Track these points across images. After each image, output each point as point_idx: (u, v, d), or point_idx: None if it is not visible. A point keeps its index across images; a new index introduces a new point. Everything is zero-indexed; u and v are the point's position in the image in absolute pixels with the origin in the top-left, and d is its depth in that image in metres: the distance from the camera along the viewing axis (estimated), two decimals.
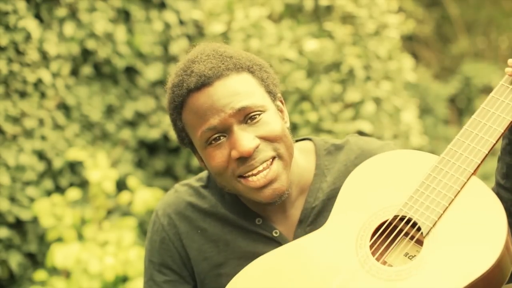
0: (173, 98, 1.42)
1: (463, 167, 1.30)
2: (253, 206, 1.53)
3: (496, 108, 1.32)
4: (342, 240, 1.34)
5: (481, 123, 1.32)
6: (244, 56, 1.44)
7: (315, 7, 3.76)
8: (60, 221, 3.05)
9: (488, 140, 1.30)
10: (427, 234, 1.27)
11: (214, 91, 1.37)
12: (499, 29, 8.62)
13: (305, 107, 3.42)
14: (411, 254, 1.32)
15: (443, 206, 1.28)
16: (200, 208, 1.56)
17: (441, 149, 5.56)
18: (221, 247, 1.53)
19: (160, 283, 1.57)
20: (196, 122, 1.39)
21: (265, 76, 1.45)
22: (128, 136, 3.68)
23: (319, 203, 1.51)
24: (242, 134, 1.37)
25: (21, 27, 3.05)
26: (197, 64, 1.39)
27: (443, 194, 1.29)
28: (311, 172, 1.54)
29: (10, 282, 3.22)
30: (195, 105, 1.38)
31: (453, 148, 1.32)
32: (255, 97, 1.39)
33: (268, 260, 1.39)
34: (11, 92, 3.11)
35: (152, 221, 1.61)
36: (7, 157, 3.09)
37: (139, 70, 3.74)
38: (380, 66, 3.71)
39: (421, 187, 1.31)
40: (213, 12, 3.79)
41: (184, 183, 1.62)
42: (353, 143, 1.57)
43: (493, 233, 1.21)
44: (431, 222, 1.27)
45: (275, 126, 1.40)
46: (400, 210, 1.31)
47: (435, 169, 1.32)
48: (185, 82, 1.39)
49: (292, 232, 1.52)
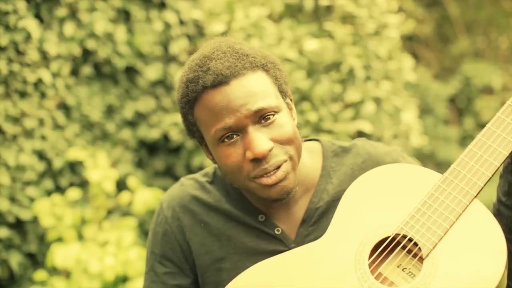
0: (187, 93, 1.42)
1: (466, 189, 1.29)
2: (257, 203, 1.54)
3: (503, 130, 1.31)
4: (340, 255, 1.32)
5: (486, 144, 1.31)
6: (259, 54, 1.45)
7: (315, 7, 3.76)
8: (60, 221, 3.05)
9: (493, 163, 1.29)
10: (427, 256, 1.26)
11: (230, 91, 1.37)
12: (499, 29, 8.62)
13: (305, 107, 3.42)
14: (406, 267, 1.31)
15: (444, 228, 1.27)
16: (204, 202, 1.57)
17: (441, 149, 5.54)
18: (223, 241, 1.54)
19: (160, 274, 1.59)
20: (210, 120, 1.40)
21: (278, 74, 1.46)
22: (128, 136, 3.68)
23: (323, 204, 1.52)
24: (257, 135, 1.38)
25: (21, 27, 3.05)
26: (214, 61, 1.39)
27: (445, 216, 1.28)
28: (316, 173, 1.55)
29: (10, 282, 3.22)
30: (210, 103, 1.39)
31: (457, 168, 1.31)
32: (270, 97, 1.40)
33: (264, 270, 1.38)
34: (11, 92, 3.11)
35: (156, 213, 1.63)
36: (7, 157, 3.09)
37: (139, 70, 3.74)
38: (380, 66, 3.71)
39: (423, 207, 1.30)
40: (213, 12, 3.79)
41: (190, 177, 1.64)
42: (361, 147, 1.58)
43: (494, 259, 1.21)
44: (431, 244, 1.26)
45: (288, 128, 1.41)
46: (401, 229, 1.30)
47: (438, 189, 1.31)
48: (200, 78, 1.39)
49: (294, 231, 1.52)
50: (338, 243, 1.35)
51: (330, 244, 1.36)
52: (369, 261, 1.29)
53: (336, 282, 1.29)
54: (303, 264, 1.36)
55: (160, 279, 1.59)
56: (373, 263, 1.31)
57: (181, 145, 3.81)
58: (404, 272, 1.31)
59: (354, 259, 1.30)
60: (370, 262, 1.30)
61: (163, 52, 3.85)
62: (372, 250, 1.31)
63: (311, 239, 1.49)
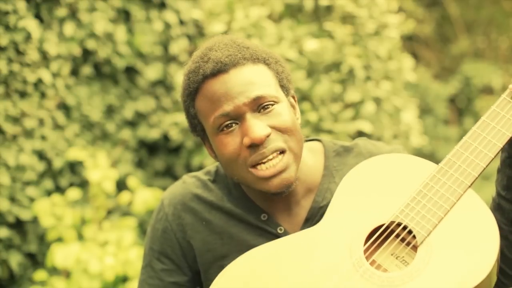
0: (188, 84, 1.44)
1: (461, 179, 1.32)
2: (259, 202, 1.54)
3: (497, 122, 1.34)
4: (336, 241, 1.34)
5: (481, 136, 1.34)
6: (261, 49, 1.46)
7: (315, 7, 3.76)
8: (60, 221, 3.05)
9: (487, 155, 1.32)
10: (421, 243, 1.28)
11: (229, 78, 1.39)
12: (499, 29, 8.62)
13: (305, 107, 3.42)
14: (400, 255, 1.33)
15: (439, 216, 1.29)
16: (206, 200, 1.58)
17: (441, 149, 5.54)
18: (225, 239, 1.54)
19: (157, 271, 1.59)
20: (210, 108, 1.40)
21: (280, 70, 1.47)
22: (128, 136, 3.68)
23: (327, 203, 1.51)
24: (254, 121, 1.38)
25: (21, 27, 3.05)
26: (214, 51, 1.41)
27: (439, 204, 1.30)
28: (319, 172, 1.56)
29: (10, 282, 3.22)
30: (210, 91, 1.40)
31: (452, 158, 1.34)
32: (270, 88, 1.41)
33: (258, 257, 1.39)
34: (11, 92, 3.11)
35: (157, 209, 1.63)
36: (7, 157, 3.09)
37: (139, 70, 3.74)
38: (380, 66, 3.71)
39: (418, 195, 1.33)
40: (213, 12, 3.79)
41: (193, 175, 1.64)
42: (362, 146, 1.58)
43: (486, 247, 1.23)
44: (426, 232, 1.28)
45: (287, 118, 1.41)
46: (397, 216, 1.32)
47: (433, 178, 1.33)
48: (201, 68, 1.41)
49: (297, 230, 1.52)
50: (333, 230, 1.36)
51: (325, 231, 1.37)
52: (364, 247, 1.31)
53: (331, 268, 1.30)
54: (298, 250, 1.37)
55: (157, 275, 1.60)
56: (367, 251, 1.32)
57: (181, 145, 3.81)
58: (397, 260, 1.33)
59: (349, 247, 1.32)
60: (365, 249, 1.31)
61: (163, 52, 3.85)
62: (366, 238, 1.33)
63: None
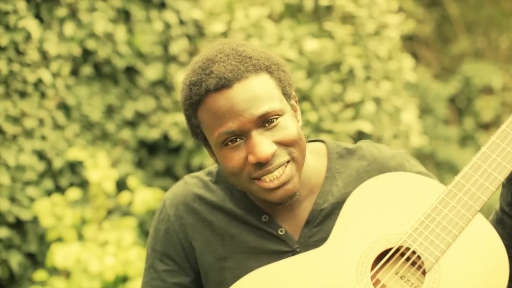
0: (190, 96, 1.42)
1: (470, 203, 1.29)
2: (260, 203, 1.54)
3: (508, 143, 1.31)
4: (343, 265, 1.32)
5: (491, 157, 1.31)
6: (262, 56, 1.44)
7: (315, 7, 3.76)
8: (60, 221, 3.05)
9: (497, 178, 1.29)
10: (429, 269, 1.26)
11: (233, 94, 1.37)
12: (499, 29, 8.61)
13: (305, 107, 3.42)
14: (405, 275, 1.31)
15: (447, 242, 1.27)
16: (207, 201, 1.58)
17: (441, 149, 5.51)
18: (226, 240, 1.54)
19: (160, 272, 1.59)
20: (214, 123, 1.40)
21: (282, 76, 1.46)
22: (128, 136, 3.68)
23: (328, 205, 1.51)
24: (260, 139, 1.38)
25: (21, 27, 3.05)
26: (216, 64, 1.39)
27: (448, 230, 1.28)
28: (321, 174, 1.55)
29: (10, 282, 3.22)
30: (213, 106, 1.39)
31: (461, 181, 1.31)
32: (274, 101, 1.40)
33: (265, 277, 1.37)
34: (11, 92, 3.10)
35: (159, 210, 1.63)
36: (7, 157, 3.09)
37: (139, 70, 3.74)
38: (380, 66, 3.71)
39: (426, 219, 1.30)
40: (213, 12, 3.79)
41: (194, 176, 1.64)
42: (366, 149, 1.57)
43: (496, 275, 1.21)
44: (434, 258, 1.26)
45: (291, 131, 1.41)
46: (405, 241, 1.30)
47: (442, 202, 1.31)
48: (204, 82, 1.39)
49: (298, 232, 1.52)
50: (340, 252, 1.34)
51: (332, 253, 1.35)
52: (372, 273, 1.29)
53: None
54: (305, 273, 1.35)
55: (159, 276, 1.60)
56: (375, 275, 1.30)
57: (181, 145, 3.81)
58: (402, 280, 1.31)
59: (356, 270, 1.30)
60: (373, 273, 1.29)
61: (163, 52, 3.85)
62: (374, 261, 1.30)
63: (315, 240, 1.49)
